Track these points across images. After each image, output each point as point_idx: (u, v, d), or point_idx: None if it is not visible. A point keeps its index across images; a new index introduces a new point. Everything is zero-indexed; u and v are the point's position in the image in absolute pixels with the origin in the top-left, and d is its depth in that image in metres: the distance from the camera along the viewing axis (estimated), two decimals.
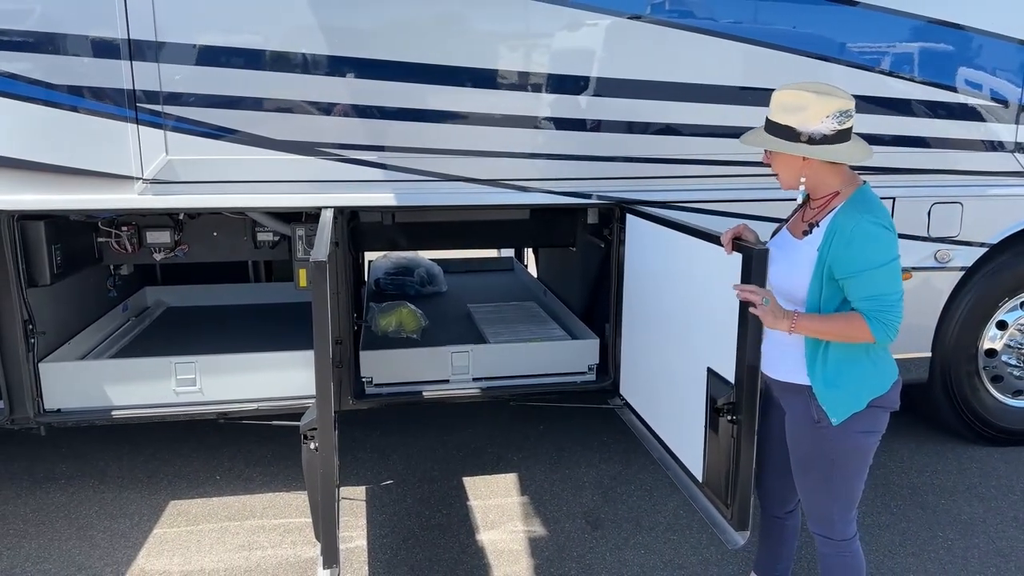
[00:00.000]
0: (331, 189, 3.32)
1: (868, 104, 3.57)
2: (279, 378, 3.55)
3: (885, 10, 3.53)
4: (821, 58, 3.51)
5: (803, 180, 2.17)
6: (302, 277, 3.67)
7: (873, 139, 3.38)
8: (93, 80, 3.07)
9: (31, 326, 3.33)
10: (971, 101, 3.71)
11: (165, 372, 3.46)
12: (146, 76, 3.09)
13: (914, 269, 3.82)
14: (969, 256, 3.89)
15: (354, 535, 3.31)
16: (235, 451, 4.06)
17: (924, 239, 3.81)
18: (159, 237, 4.03)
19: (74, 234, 3.69)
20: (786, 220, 2.38)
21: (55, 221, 3.45)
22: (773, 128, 2.17)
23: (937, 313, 3.94)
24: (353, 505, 3.56)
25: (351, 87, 3.24)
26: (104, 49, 3.05)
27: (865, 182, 2.22)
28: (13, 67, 3.02)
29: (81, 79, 3.06)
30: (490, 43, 3.33)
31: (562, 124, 3.39)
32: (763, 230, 2.48)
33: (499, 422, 4.38)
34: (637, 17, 3.35)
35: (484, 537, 3.29)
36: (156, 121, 3.14)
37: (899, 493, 3.70)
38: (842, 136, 2.12)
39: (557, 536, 3.30)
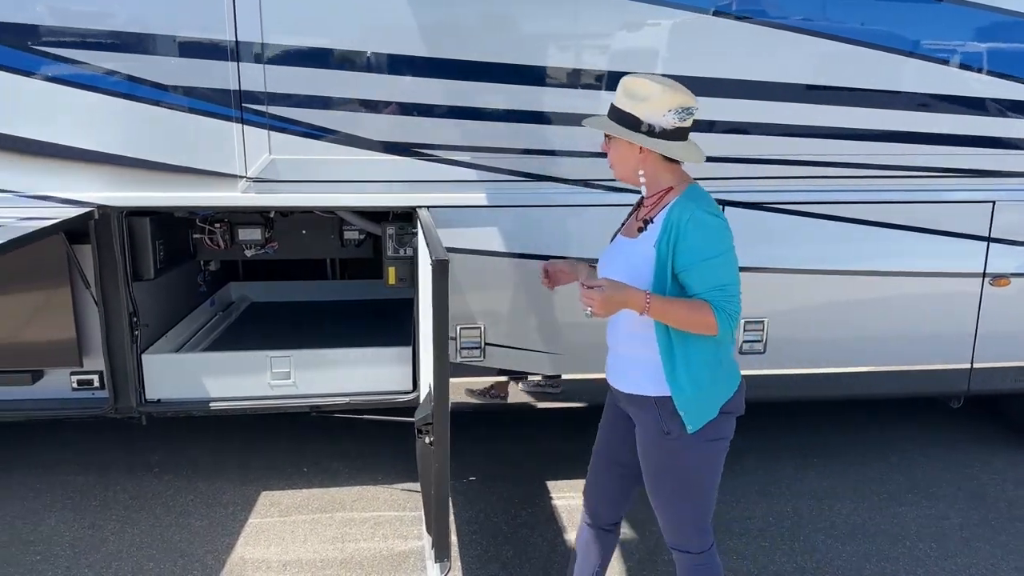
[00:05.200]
0: (426, 189, 3.37)
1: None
2: (370, 373, 3.61)
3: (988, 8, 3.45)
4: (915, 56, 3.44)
5: (642, 174, 2.13)
6: (391, 275, 3.74)
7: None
8: (201, 81, 3.17)
9: (135, 318, 3.44)
10: None
11: (261, 366, 3.55)
12: (252, 77, 3.18)
13: (1013, 276, 3.72)
14: None
15: None
16: (320, 444, 4.14)
17: None
18: (251, 234, 4.14)
19: (173, 230, 3.81)
20: (619, 228, 2.33)
21: (159, 217, 3.56)
22: (616, 114, 2.12)
23: None
24: None
25: (448, 88, 3.28)
26: (212, 51, 3.14)
27: (695, 181, 2.18)
28: (124, 68, 3.14)
29: (189, 80, 3.16)
30: (584, 43, 3.34)
31: None
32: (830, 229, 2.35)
33: (572, 423, 4.38)
34: (733, 16, 3.32)
35: (572, 537, 3.29)
36: (260, 121, 3.22)
37: (995, 506, 3.61)
38: (680, 134, 2.10)
39: (646, 538, 3.29)
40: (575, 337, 3.58)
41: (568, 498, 3.61)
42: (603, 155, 2.22)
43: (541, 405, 3.98)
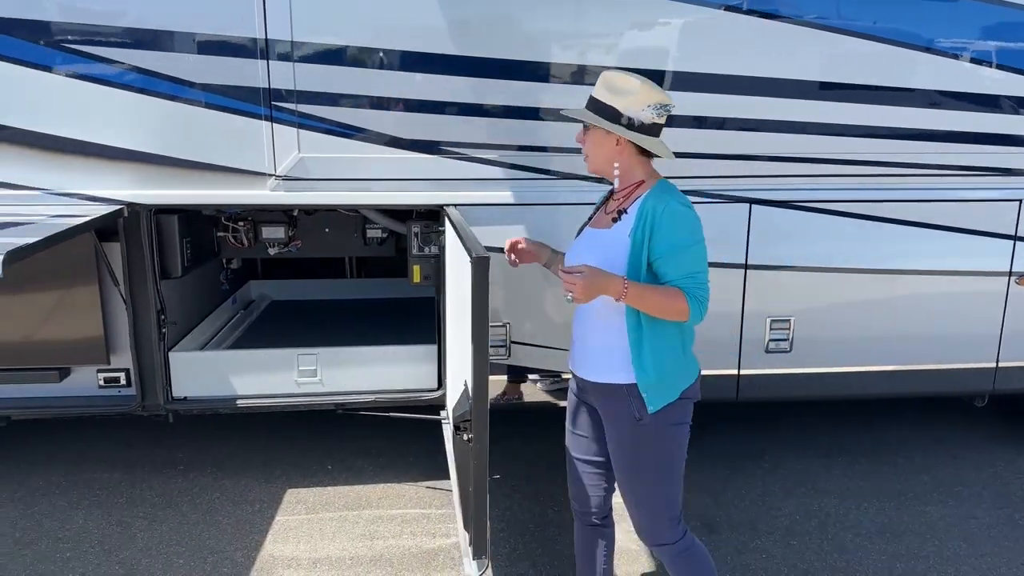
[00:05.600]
0: (453, 187, 3.37)
1: None
2: (396, 371, 3.62)
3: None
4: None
5: (617, 166, 2.20)
6: (416, 273, 3.75)
7: None
8: (231, 79, 3.18)
9: (163, 316, 3.45)
10: None
11: (288, 363, 3.55)
12: (282, 75, 3.18)
13: None
14: None
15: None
16: (343, 442, 4.14)
17: None
18: (274, 232, 4.16)
19: (199, 229, 3.82)
20: (587, 221, 2.39)
21: (186, 215, 3.57)
22: (595, 106, 2.18)
23: None
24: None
25: (475, 86, 3.28)
26: (242, 49, 3.14)
27: (664, 177, 2.25)
28: (154, 66, 3.14)
29: (219, 78, 3.17)
30: (614, 41, 3.33)
31: (683, 122, 3.37)
32: (856, 227, 2.35)
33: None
34: (763, 14, 3.32)
35: None
36: (290, 119, 3.23)
37: (1022, 505, 3.60)
38: (655, 129, 2.17)
39: None
40: None
41: None
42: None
43: (563, 404, 3.98)
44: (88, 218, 3.05)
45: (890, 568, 3.10)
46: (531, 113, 3.34)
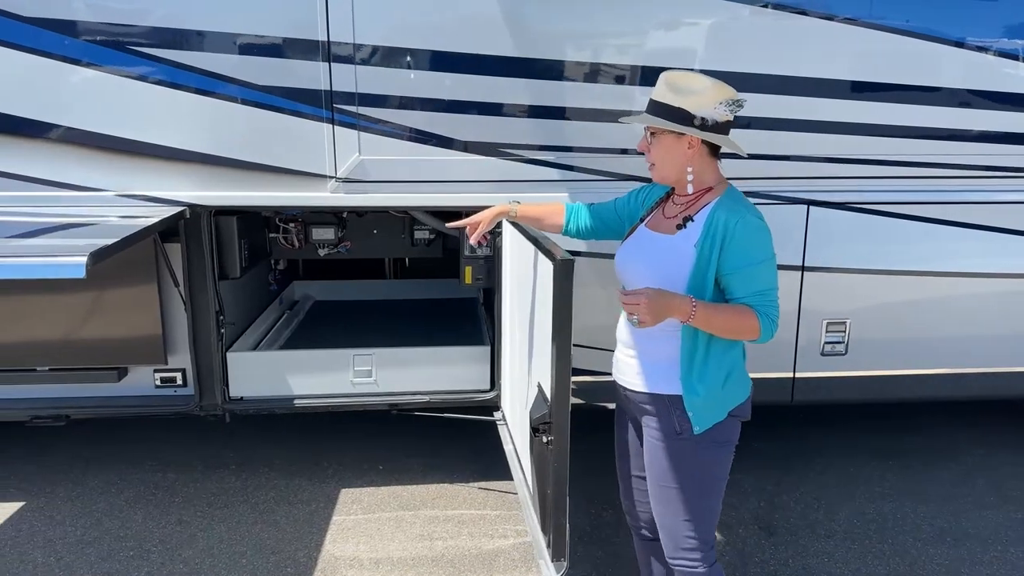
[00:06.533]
0: (510, 188, 3.37)
1: None
2: (449, 372, 3.63)
3: None
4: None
5: (691, 171, 2.09)
6: (468, 274, 3.75)
7: None
8: (293, 81, 3.19)
9: (221, 316, 3.47)
10: None
11: (343, 363, 3.57)
12: (343, 78, 3.20)
13: None
14: None
15: (528, 529, 3.34)
16: (392, 442, 4.16)
17: None
18: (324, 234, 4.18)
19: (254, 230, 3.84)
20: (641, 219, 2.28)
21: (243, 217, 3.59)
22: (662, 110, 2.05)
23: None
24: (517, 499, 3.60)
25: (533, 87, 3.28)
26: (305, 51, 3.16)
27: (730, 182, 2.16)
28: (216, 67, 3.16)
29: (282, 80, 3.19)
30: (667, 42, 3.33)
31: (741, 123, 3.36)
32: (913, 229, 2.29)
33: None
34: (822, 15, 3.31)
35: None
36: (351, 122, 3.24)
37: None
38: (727, 127, 2.07)
39: (734, 541, 3.28)
40: None
41: None
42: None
43: (610, 405, 3.98)
44: (157, 219, 3.07)
45: (955, 573, 3.08)
46: (587, 114, 3.34)
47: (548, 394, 2.33)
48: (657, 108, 2.08)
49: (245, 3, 3.11)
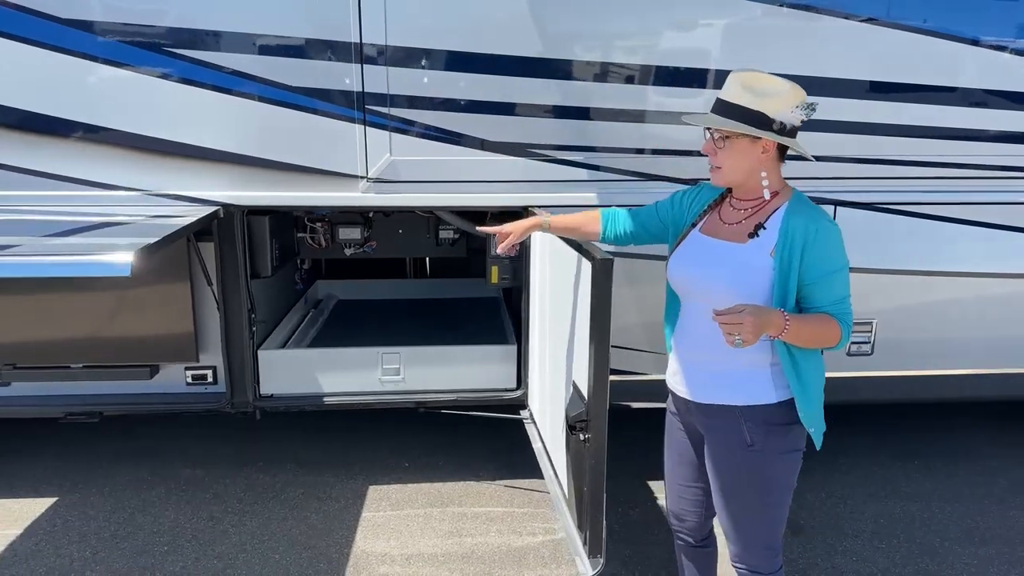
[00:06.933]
0: (539, 189, 3.40)
1: None
2: (476, 370, 3.66)
3: None
4: None
5: (764, 175, 2.03)
6: (494, 274, 3.78)
7: None
8: (325, 82, 3.22)
9: (253, 315, 3.52)
10: None
11: (372, 361, 3.61)
12: (375, 79, 3.23)
13: None
14: None
15: (556, 527, 3.38)
16: (416, 440, 4.19)
17: None
18: (351, 233, 4.22)
19: (284, 229, 3.89)
20: (693, 224, 2.20)
21: (275, 217, 3.63)
22: (738, 112, 1.98)
23: None
24: (543, 497, 3.63)
25: (563, 88, 3.31)
26: (337, 52, 3.19)
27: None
28: (250, 68, 3.20)
29: (314, 81, 3.22)
30: (699, 42, 3.35)
31: None
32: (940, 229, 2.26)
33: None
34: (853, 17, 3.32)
35: None
36: (382, 123, 3.27)
37: None
38: (796, 132, 2.03)
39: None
40: None
41: None
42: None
43: (636, 405, 4.02)
44: (193, 218, 3.12)
45: (984, 572, 3.09)
46: (616, 115, 3.36)
47: (585, 392, 2.36)
48: (731, 110, 2.00)
49: (279, 5, 3.15)
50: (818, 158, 3.44)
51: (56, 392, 3.52)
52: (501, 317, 4.61)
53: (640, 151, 3.40)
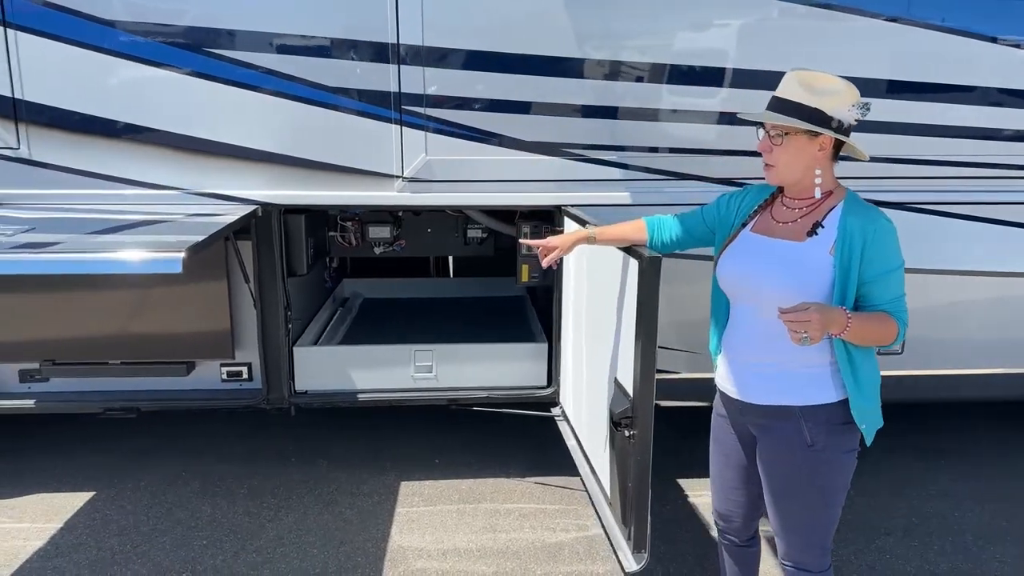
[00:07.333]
0: (572, 188, 3.43)
1: None
2: (507, 368, 3.70)
3: None
4: None
5: (819, 173, 2.04)
6: (524, 272, 3.81)
7: None
8: (363, 83, 3.27)
9: (289, 312, 3.56)
10: None
11: (405, 359, 3.64)
12: (411, 79, 3.27)
13: None
14: None
15: (589, 523, 3.41)
16: (444, 436, 4.23)
17: None
18: (380, 232, 4.26)
19: (317, 228, 3.93)
20: (743, 223, 2.21)
21: (310, 215, 3.67)
22: (796, 109, 1.99)
23: None
24: (574, 494, 3.66)
25: (596, 88, 3.34)
26: (375, 53, 3.23)
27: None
28: (288, 69, 3.24)
29: (352, 82, 3.26)
30: (731, 43, 3.37)
31: None
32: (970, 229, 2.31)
33: (679, 421, 4.42)
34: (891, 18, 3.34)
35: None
36: (418, 123, 3.31)
37: None
38: (850, 131, 2.03)
39: None
40: None
41: (704, 496, 3.64)
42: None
43: (665, 404, 4.06)
44: (233, 216, 3.16)
45: (1020, 571, 3.10)
46: (650, 114, 3.39)
47: (629, 389, 2.39)
48: (789, 107, 2.01)
49: (317, 6, 3.19)
50: (844, 158, 3.45)
51: (94, 388, 3.57)
52: (526, 315, 4.64)
53: (672, 150, 3.43)
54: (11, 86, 3.17)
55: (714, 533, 3.31)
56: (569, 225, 3.31)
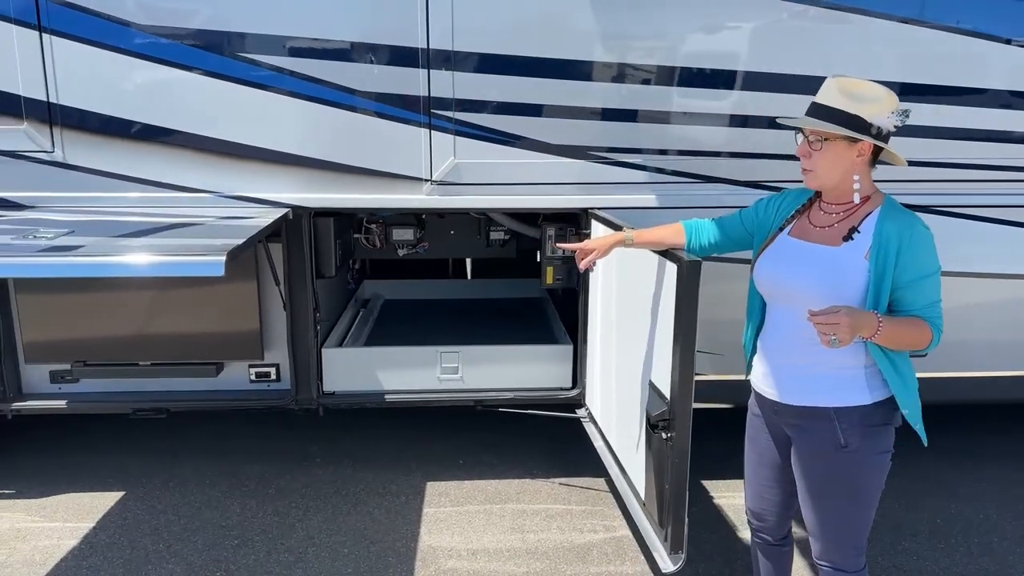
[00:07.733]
0: (598, 191, 3.46)
1: None
2: (532, 370, 3.72)
3: None
4: None
5: (858, 179, 2.06)
6: (549, 275, 3.85)
7: None
8: (393, 87, 3.30)
9: (318, 314, 3.59)
10: None
11: (431, 360, 3.67)
12: (441, 83, 3.30)
13: None
14: None
15: (616, 524, 3.43)
16: (467, 437, 4.26)
17: None
18: (404, 234, 4.29)
19: (344, 231, 3.96)
20: (780, 227, 2.23)
21: (339, 218, 3.71)
22: (835, 116, 2.01)
23: None
24: (599, 495, 3.69)
25: (623, 91, 3.36)
26: (405, 58, 3.26)
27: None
28: (319, 73, 3.27)
29: (382, 87, 3.29)
30: (754, 46, 3.39)
31: None
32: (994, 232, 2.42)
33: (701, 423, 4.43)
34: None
35: (746, 535, 3.34)
36: (447, 127, 3.34)
37: None
38: (889, 138, 2.05)
39: None
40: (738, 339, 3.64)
41: (729, 498, 3.67)
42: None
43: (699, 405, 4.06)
44: (267, 219, 3.19)
45: None
46: (676, 118, 3.41)
47: (666, 392, 2.42)
48: (829, 114, 2.03)
49: (348, 11, 3.22)
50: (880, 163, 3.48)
51: (124, 389, 3.61)
52: (548, 317, 4.67)
53: (698, 153, 3.45)
54: (46, 90, 3.21)
55: (741, 534, 3.37)
56: (596, 228, 3.34)
